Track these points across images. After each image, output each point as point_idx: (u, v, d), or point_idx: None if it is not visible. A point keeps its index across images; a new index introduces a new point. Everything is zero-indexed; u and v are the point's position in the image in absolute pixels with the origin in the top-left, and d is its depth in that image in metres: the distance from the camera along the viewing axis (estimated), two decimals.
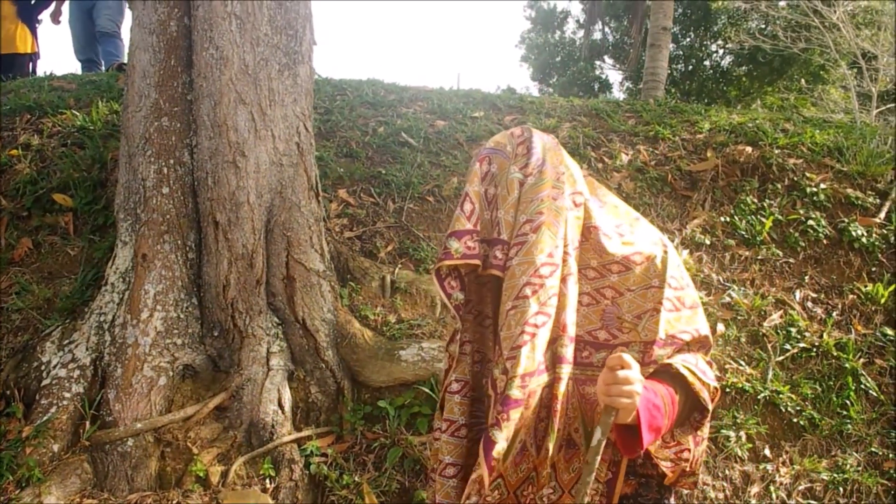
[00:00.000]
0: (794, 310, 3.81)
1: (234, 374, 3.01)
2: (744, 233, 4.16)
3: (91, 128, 4.08)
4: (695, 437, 1.58)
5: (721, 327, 3.63)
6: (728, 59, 14.62)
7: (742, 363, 3.53)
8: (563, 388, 1.48)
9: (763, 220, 4.20)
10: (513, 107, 5.22)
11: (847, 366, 3.55)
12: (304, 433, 2.94)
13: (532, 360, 1.45)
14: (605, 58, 16.40)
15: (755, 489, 3.15)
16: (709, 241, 4.09)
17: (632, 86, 15.48)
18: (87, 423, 2.78)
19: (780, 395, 3.39)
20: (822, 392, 3.49)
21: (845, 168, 4.56)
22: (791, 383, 3.49)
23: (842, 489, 3.21)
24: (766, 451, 3.28)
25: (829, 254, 4.13)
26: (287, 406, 2.98)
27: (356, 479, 2.81)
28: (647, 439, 1.36)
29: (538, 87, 17.20)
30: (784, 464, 3.26)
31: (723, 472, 3.18)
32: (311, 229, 3.25)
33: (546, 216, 1.53)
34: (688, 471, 1.60)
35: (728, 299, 3.79)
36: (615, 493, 1.55)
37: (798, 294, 3.92)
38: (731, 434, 3.25)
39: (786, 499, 3.16)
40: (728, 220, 4.22)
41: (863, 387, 3.52)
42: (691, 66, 14.80)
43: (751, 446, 3.27)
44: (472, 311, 1.70)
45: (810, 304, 3.89)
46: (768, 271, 4.02)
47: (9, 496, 2.49)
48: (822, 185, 4.40)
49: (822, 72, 12.37)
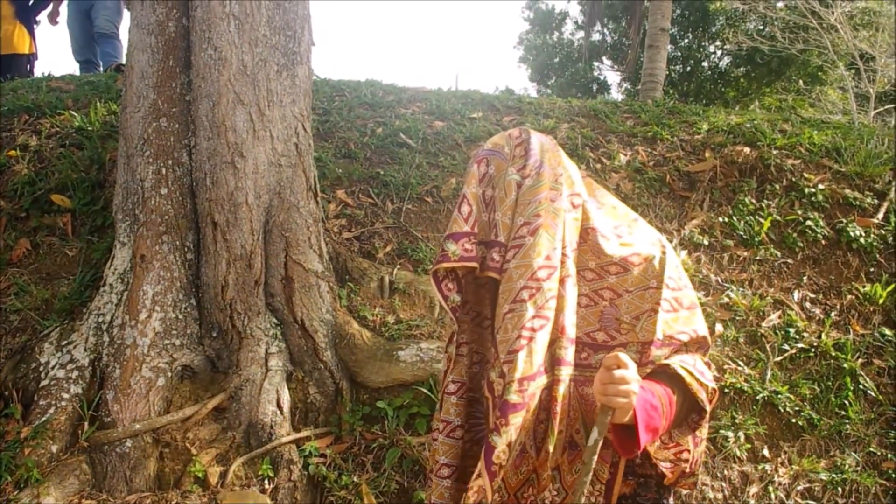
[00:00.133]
0: (792, 310, 3.82)
1: (233, 375, 3.01)
2: (742, 233, 4.16)
3: (89, 129, 4.08)
4: (694, 438, 1.58)
5: (719, 328, 3.64)
6: (726, 60, 14.65)
7: (740, 363, 3.53)
8: (562, 390, 1.48)
9: (761, 220, 4.20)
10: (511, 108, 5.22)
11: (845, 366, 3.56)
12: (303, 434, 2.94)
13: (530, 364, 1.45)
14: (604, 59, 16.41)
15: (754, 489, 3.16)
16: (707, 242, 4.10)
17: (630, 87, 15.50)
18: (86, 423, 2.77)
19: (779, 396, 3.40)
20: (820, 392, 3.49)
21: (843, 169, 4.56)
22: (789, 384, 3.49)
23: (840, 489, 3.21)
24: (765, 452, 3.28)
25: (827, 254, 4.13)
26: (286, 407, 2.98)
27: (355, 479, 2.81)
28: (645, 439, 1.36)
29: (536, 88, 17.22)
30: (783, 464, 3.26)
31: (721, 472, 3.18)
32: (309, 230, 3.25)
33: (544, 218, 1.53)
34: (687, 472, 1.60)
35: (726, 300, 3.80)
36: (613, 494, 1.56)
37: (796, 294, 3.93)
38: (730, 434, 3.25)
39: (784, 499, 3.16)
40: (726, 220, 4.22)
41: (861, 387, 3.53)
42: (689, 67, 14.81)
43: (749, 446, 3.27)
44: (471, 312, 1.70)
45: (809, 305, 3.90)
46: (767, 272, 4.02)
47: (7, 497, 2.48)
48: (821, 186, 4.41)
49: (820, 73, 12.40)
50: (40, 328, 3.09)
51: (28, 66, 5.98)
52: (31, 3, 6.06)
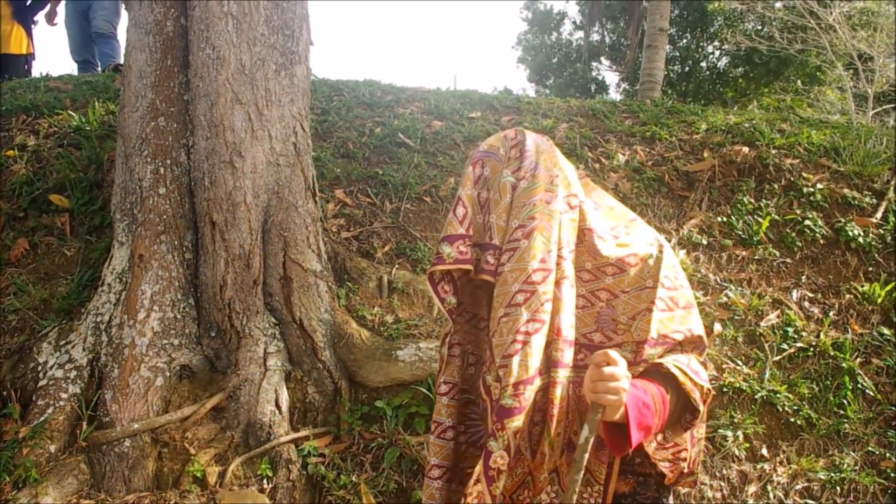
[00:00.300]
0: (790, 309, 3.82)
1: (232, 375, 3.00)
2: (741, 233, 4.17)
3: (87, 128, 4.08)
4: (691, 438, 1.57)
5: (718, 327, 3.64)
6: (724, 60, 14.64)
7: (739, 363, 3.54)
8: (559, 392, 1.47)
9: (760, 220, 4.20)
10: (510, 107, 5.22)
11: (844, 365, 3.56)
12: (302, 433, 2.94)
13: (525, 369, 1.44)
14: (602, 59, 16.40)
15: (752, 489, 3.16)
16: (706, 242, 4.10)
17: (628, 87, 15.50)
18: (84, 423, 2.77)
19: (778, 395, 3.40)
20: (819, 392, 3.50)
21: (842, 168, 4.57)
22: (788, 383, 3.49)
23: (839, 488, 3.21)
24: (764, 451, 3.28)
25: (825, 254, 4.13)
26: (284, 406, 2.98)
27: (353, 479, 2.81)
28: (636, 437, 1.35)
29: (535, 88, 17.20)
30: (781, 463, 3.26)
31: (720, 471, 3.18)
32: (308, 229, 3.24)
33: (538, 221, 1.52)
34: (686, 471, 1.60)
35: (725, 299, 3.80)
36: (608, 493, 1.55)
37: (795, 294, 3.93)
38: (729, 434, 3.25)
39: (783, 498, 3.16)
40: (725, 220, 4.22)
41: (860, 386, 3.53)
42: (688, 68, 14.81)
43: (748, 446, 3.27)
44: (467, 313, 1.70)
45: (807, 304, 3.90)
46: (765, 271, 4.02)
47: (5, 497, 2.48)
48: (819, 186, 4.41)
49: (818, 73, 12.41)
50: (39, 328, 3.09)
51: (26, 66, 5.98)
52: (28, 3, 6.06)
